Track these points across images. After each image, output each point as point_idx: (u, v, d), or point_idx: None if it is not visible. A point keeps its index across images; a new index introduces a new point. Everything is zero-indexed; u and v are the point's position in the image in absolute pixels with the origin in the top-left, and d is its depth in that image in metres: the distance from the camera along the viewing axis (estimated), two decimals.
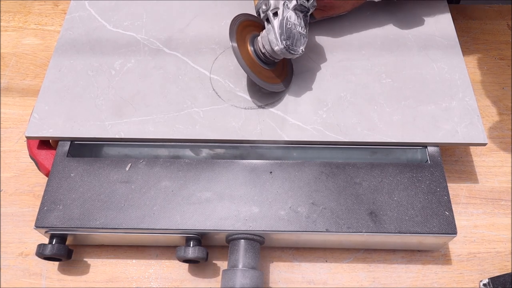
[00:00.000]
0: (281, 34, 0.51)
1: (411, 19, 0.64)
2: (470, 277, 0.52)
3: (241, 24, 0.55)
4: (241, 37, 0.54)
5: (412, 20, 0.64)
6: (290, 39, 0.52)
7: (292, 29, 0.52)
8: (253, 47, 0.55)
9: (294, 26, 0.52)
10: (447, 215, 0.49)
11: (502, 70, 0.68)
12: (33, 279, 0.51)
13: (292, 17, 0.52)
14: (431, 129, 0.54)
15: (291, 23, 0.52)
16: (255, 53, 0.55)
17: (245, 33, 0.55)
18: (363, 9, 0.65)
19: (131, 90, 0.58)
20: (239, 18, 0.55)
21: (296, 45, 0.53)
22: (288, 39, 0.52)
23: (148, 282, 0.51)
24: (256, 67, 0.55)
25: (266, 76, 0.55)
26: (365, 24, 0.64)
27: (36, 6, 0.77)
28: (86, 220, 0.49)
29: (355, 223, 0.49)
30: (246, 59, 0.54)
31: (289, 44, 0.52)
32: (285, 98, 0.57)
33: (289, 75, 0.59)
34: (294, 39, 0.52)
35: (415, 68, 0.60)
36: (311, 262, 0.53)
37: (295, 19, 0.52)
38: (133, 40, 0.63)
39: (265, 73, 0.55)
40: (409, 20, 0.64)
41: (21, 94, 0.66)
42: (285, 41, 0.51)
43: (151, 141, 0.54)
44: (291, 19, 0.52)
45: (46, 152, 0.55)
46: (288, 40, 0.52)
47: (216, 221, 0.49)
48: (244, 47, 0.55)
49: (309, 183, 0.51)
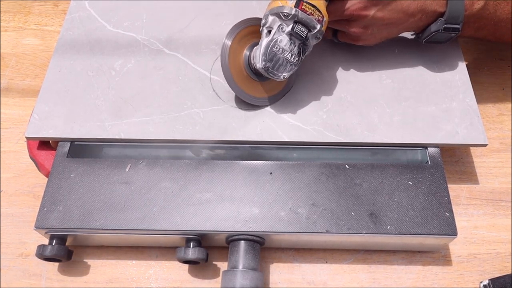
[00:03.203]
0: (263, 53, 0.50)
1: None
2: (470, 278, 0.52)
3: (251, 27, 0.54)
4: (242, 38, 0.54)
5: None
6: (271, 62, 0.50)
7: (278, 53, 0.50)
8: (249, 54, 0.54)
9: (281, 51, 0.50)
10: (447, 216, 0.49)
11: (502, 70, 0.68)
12: (33, 279, 0.51)
13: (283, 42, 0.50)
14: (432, 130, 0.54)
15: (279, 47, 0.50)
16: (247, 60, 0.54)
17: (251, 38, 0.54)
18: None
19: (131, 91, 0.58)
20: (251, 21, 0.54)
21: (277, 69, 0.51)
22: (270, 62, 0.50)
23: (148, 283, 0.51)
24: (240, 72, 0.54)
25: (250, 86, 0.54)
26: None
27: (36, 6, 0.77)
28: (86, 221, 0.49)
29: (355, 224, 0.49)
30: (232, 61, 0.53)
31: (269, 66, 0.50)
32: (285, 98, 0.57)
33: (282, 94, 0.57)
34: (276, 63, 0.50)
35: (415, 68, 0.60)
36: (311, 263, 0.53)
37: (287, 45, 0.50)
38: (133, 41, 0.63)
39: (250, 83, 0.54)
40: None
41: (21, 94, 0.66)
42: (265, 62, 0.50)
43: (151, 141, 0.54)
44: (281, 43, 0.50)
45: (46, 152, 0.55)
46: (269, 62, 0.50)
47: (216, 222, 0.49)
48: (239, 49, 0.54)
49: (309, 184, 0.51)
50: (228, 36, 0.53)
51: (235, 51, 0.53)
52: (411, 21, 0.54)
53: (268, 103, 0.56)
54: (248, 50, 0.54)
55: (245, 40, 0.54)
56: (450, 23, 0.53)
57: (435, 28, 0.54)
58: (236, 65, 0.54)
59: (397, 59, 0.61)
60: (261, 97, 0.56)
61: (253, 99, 0.55)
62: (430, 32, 0.55)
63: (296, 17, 0.49)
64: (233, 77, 0.53)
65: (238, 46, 0.54)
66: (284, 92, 0.57)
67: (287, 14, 0.49)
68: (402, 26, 0.55)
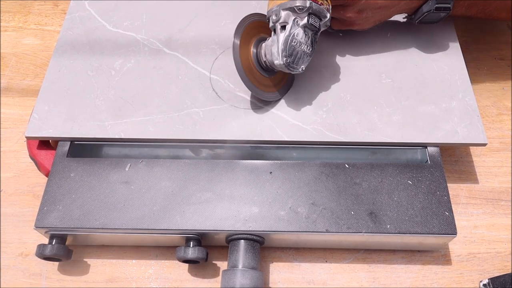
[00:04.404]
0: (283, 50, 0.50)
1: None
2: (470, 277, 0.52)
3: (253, 23, 0.54)
4: (248, 36, 0.54)
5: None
6: (291, 56, 0.51)
7: (296, 47, 0.51)
8: (256, 50, 0.54)
9: (299, 45, 0.51)
10: (447, 215, 0.49)
11: (502, 70, 0.68)
12: (33, 279, 0.51)
13: (300, 35, 0.51)
14: (431, 129, 0.54)
15: (297, 40, 0.50)
16: (256, 57, 0.54)
17: (254, 33, 0.55)
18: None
19: (131, 90, 0.58)
20: (252, 17, 0.54)
21: (297, 63, 0.52)
22: (290, 57, 0.51)
23: (148, 283, 0.51)
24: (252, 70, 0.54)
25: (261, 82, 0.55)
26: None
27: (36, 6, 0.77)
28: (86, 220, 0.49)
29: (355, 223, 0.49)
30: (244, 59, 0.53)
31: (290, 61, 0.51)
32: (285, 98, 0.57)
33: (288, 84, 0.58)
34: (296, 57, 0.51)
35: (415, 68, 0.60)
36: (311, 262, 0.53)
37: (302, 37, 0.51)
38: (133, 40, 0.63)
39: (261, 79, 0.55)
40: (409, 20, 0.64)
41: (21, 94, 0.66)
42: (286, 58, 0.50)
43: (151, 141, 0.54)
44: (298, 36, 0.50)
45: (46, 152, 0.55)
46: (289, 58, 0.51)
47: (216, 222, 0.49)
48: (247, 47, 0.54)
49: (309, 183, 0.51)
50: (236, 36, 0.53)
51: (243, 50, 0.54)
52: (404, 3, 0.55)
53: (280, 96, 0.57)
54: (254, 47, 0.54)
55: (249, 37, 0.54)
56: (441, 2, 0.54)
57: (427, 8, 0.55)
58: (247, 64, 0.54)
59: (397, 58, 0.61)
60: (272, 92, 0.56)
61: (267, 95, 0.56)
62: (422, 13, 0.56)
63: (310, 9, 0.49)
64: (249, 77, 0.53)
65: (245, 44, 0.54)
66: (290, 82, 0.58)
67: (302, 7, 0.49)
68: (395, 8, 0.56)
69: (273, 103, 0.56)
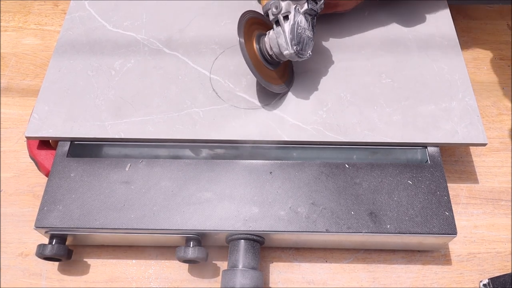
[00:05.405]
0: (292, 39, 0.51)
1: (411, 19, 0.64)
2: (470, 277, 0.52)
3: (249, 20, 0.55)
4: (248, 34, 0.54)
5: (412, 20, 0.64)
6: (300, 44, 0.52)
7: (302, 33, 0.52)
8: (259, 46, 0.55)
9: (303, 31, 0.52)
10: (447, 215, 0.49)
11: (502, 70, 0.68)
12: (33, 279, 0.51)
13: (303, 22, 0.52)
14: (431, 129, 0.54)
15: (301, 27, 0.51)
16: (260, 52, 0.54)
17: (252, 30, 0.55)
18: (363, 9, 0.65)
19: (131, 90, 0.58)
20: (247, 14, 0.55)
21: (305, 49, 0.52)
22: (299, 44, 0.51)
23: (148, 283, 0.51)
24: (260, 66, 0.54)
25: (270, 76, 0.55)
26: (365, 24, 0.64)
27: (36, 6, 0.77)
28: (86, 220, 0.49)
29: (355, 223, 0.49)
30: (252, 57, 0.53)
31: (299, 49, 0.52)
32: (285, 98, 0.57)
33: (291, 76, 0.58)
34: (303, 43, 0.52)
35: (415, 68, 0.60)
36: (311, 262, 0.53)
37: (305, 23, 0.52)
38: (133, 40, 0.63)
39: (269, 73, 0.55)
40: (409, 20, 0.64)
41: (21, 94, 0.66)
42: (296, 46, 0.51)
43: (151, 141, 0.54)
44: (302, 23, 0.52)
45: (46, 152, 0.55)
46: (298, 45, 0.51)
47: (216, 222, 0.49)
48: (250, 44, 0.54)
49: (309, 183, 0.51)
50: (240, 34, 0.53)
51: (248, 47, 0.54)
52: None
53: (287, 88, 0.57)
54: (256, 43, 0.55)
55: (249, 35, 0.55)
56: None
57: None
58: (255, 61, 0.54)
59: (397, 58, 0.61)
60: (280, 85, 0.56)
61: (276, 88, 0.56)
62: None
63: None
64: (261, 74, 0.54)
65: (248, 42, 0.54)
66: (291, 73, 0.58)
67: None
68: None
69: (273, 103, 0.56)
